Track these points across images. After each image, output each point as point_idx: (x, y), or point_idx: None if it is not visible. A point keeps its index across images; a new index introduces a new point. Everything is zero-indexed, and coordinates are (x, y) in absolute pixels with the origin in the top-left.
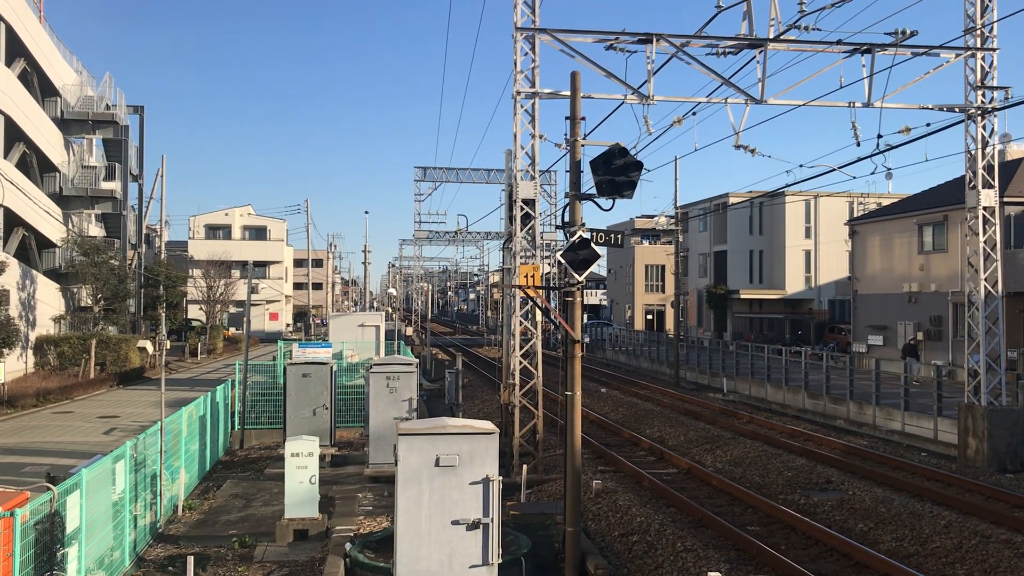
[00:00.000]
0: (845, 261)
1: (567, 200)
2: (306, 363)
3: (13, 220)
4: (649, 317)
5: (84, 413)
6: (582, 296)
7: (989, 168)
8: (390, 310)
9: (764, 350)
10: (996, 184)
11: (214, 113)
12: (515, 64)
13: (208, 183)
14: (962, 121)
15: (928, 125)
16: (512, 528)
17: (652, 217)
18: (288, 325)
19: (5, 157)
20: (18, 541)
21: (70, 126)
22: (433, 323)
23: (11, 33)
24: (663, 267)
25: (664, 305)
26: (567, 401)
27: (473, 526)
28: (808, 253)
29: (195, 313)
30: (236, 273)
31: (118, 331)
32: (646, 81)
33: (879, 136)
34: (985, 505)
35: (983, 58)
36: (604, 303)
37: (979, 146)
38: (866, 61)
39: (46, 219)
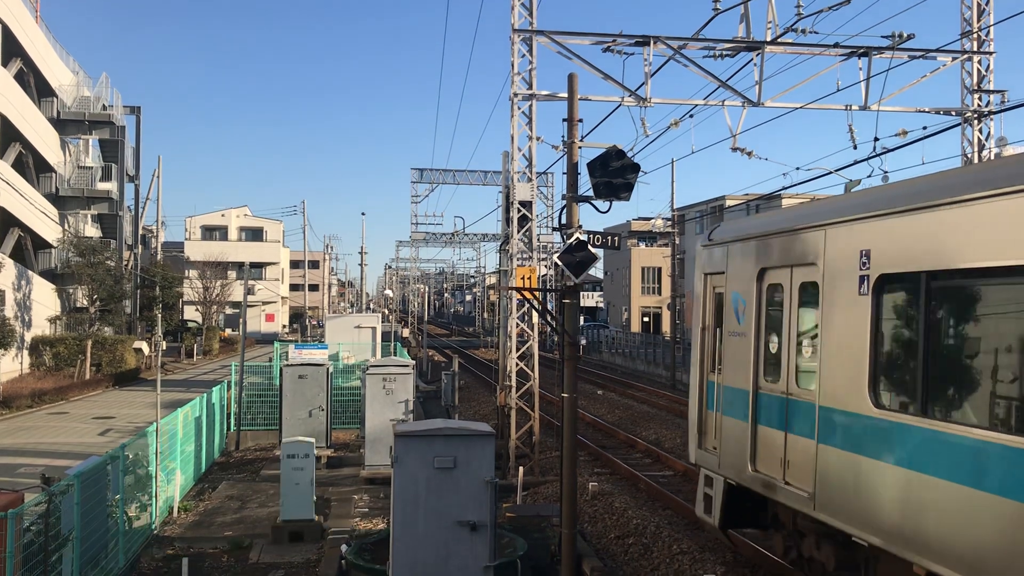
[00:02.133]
0: None
1: (564, 202)
2: (302, 364)
3: (9, 220)
4: (645, 319)
5: (79, 414)
6: (578, 298)
7: None
8: (386, 312)
9: None
10: None
11: (211, 114)
12: (512, 66)
13: (205, 184)
14: (959, 124)
15: (925, 128)
16: (508, 530)
17: (649, 219)
18: (284, 326)
19: (1, 157)
20: (12, 542)
21: (66, 126)
22: (430, 325)
23: (7, 33)
24: (659, 269)
25: (660, 307)
26: (563, 403)
27: (469, 528)
28: None
29: (191, 314)
30: (232, 274)
31: (114, 332)
32: (643, 83)
33: (876, 139)
34: None
35: (980, 61)
36: (601, 305)
37: (976, 149)
38: (863, 64)
39: (42, 219)
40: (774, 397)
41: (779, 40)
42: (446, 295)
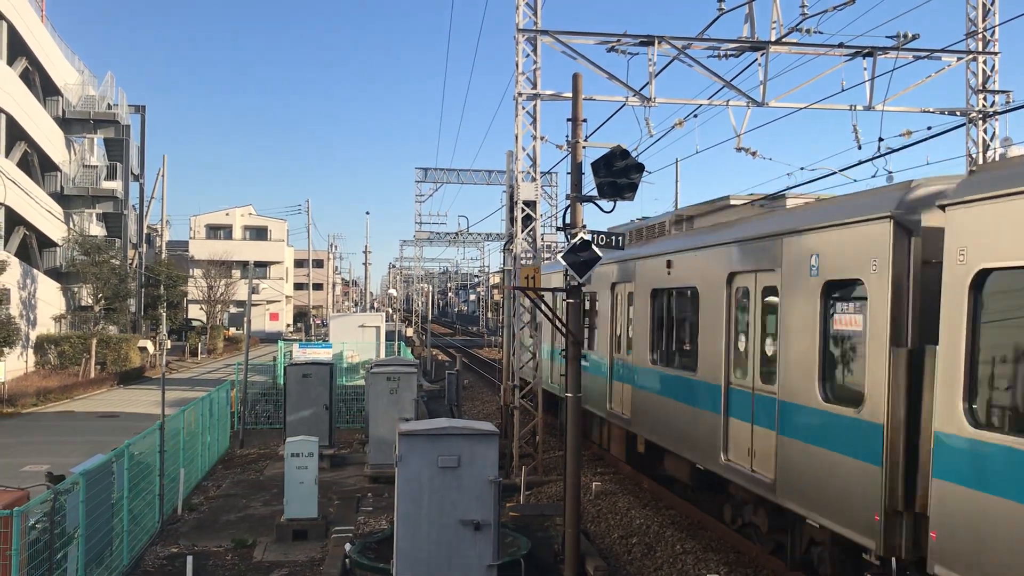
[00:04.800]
0: None
1: (568, 202)
2: (306, 363)
3: (14, 219)
4: None
5: (84, 412)
6: (582, 298)
7: None
8: (390, 311)
9: None
10: None
11: (215, 113)
12: (516, 65)
13: (209, 183)
14: (963, 124)
15: (929, 128)
16: (512, 529)
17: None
18: (288, 325)
19: (7, 156)
20: (16, 540)
21: (71, 125)
22: (433, 324)
23: (13, 32)
24: None
25: None
26: (568, 402)
27: (473, 527)
28: None
29: (195, 313)
30: (237, 273)
31: (119, 330)
32: (648, 83)
33: (880, 139)
34: None
35: (984, 62)
36: None
37: (980, 150)
38: (867, 64)
39: (47, 218)
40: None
41: (784, 40)
42: (450, 294)
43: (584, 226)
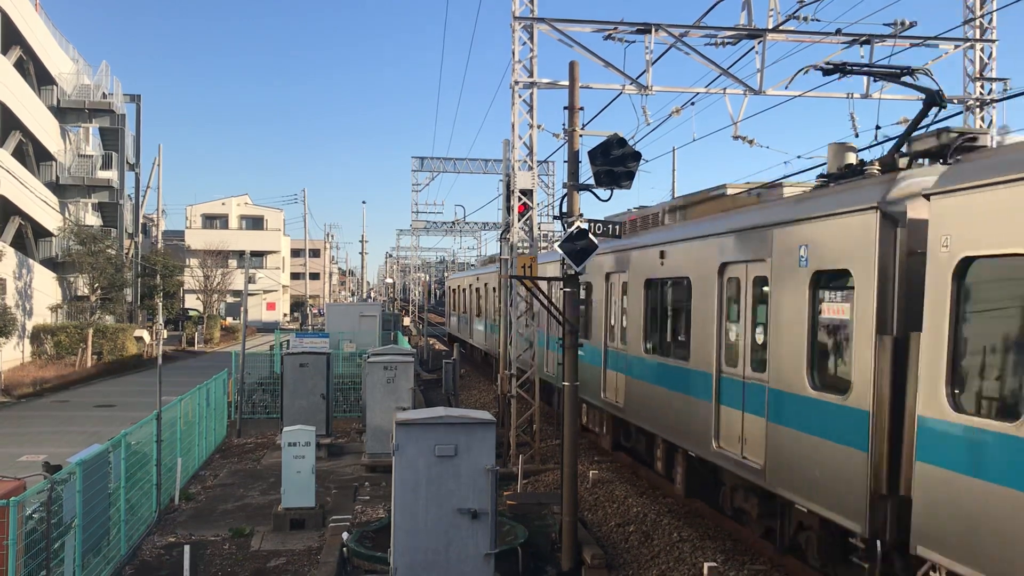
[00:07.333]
0: None
1: (565, 190)
2: (303, 353)
3: (9, 209)
4: None
5: (81, 402)
6: (579, 287)
7: None
8: (383, 299)
9: None
10: None
11: (211, 102)
12: (513, 54)
13: (205, 172)
14: (961, 113)
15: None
16: (509, 518)
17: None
18: (285, 315)
19: (1, 146)
20: (14, 530)
21: (66, 115)
22: (430, 313)
23: (6, 20)
24: None
25: None
26: (564, 391)
27: (470, 516)
28: None
29: (192, 303)
30: (233, 263)
31: (115, 320)
32: (644, 71)
33: (877, 127)
34: None
35: (982, 49)
36: None
37: None
38: (865, 52)
39: (43, 208)
40: (476, 321)
41: (781, 28)
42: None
43: (581, 214)
